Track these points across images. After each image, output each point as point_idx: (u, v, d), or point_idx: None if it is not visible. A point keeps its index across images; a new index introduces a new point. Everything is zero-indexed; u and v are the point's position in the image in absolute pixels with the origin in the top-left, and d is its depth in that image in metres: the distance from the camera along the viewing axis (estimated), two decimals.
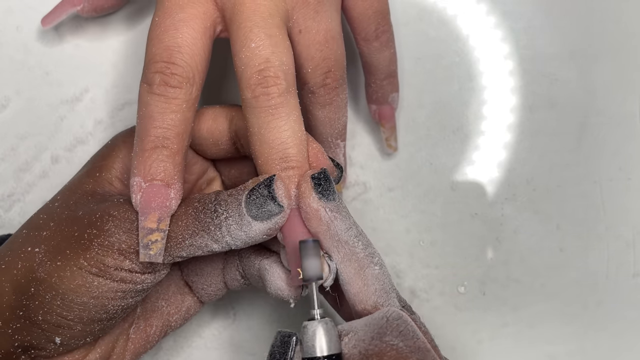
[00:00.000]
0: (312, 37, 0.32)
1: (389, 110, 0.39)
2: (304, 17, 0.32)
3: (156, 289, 0.35)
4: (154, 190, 0.29)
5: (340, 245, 0.30)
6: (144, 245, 0.29)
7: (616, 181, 0.41)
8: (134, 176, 0.30)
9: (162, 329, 0.35)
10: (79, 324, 0.30)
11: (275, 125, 0.30)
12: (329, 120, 0.35)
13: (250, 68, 0.30)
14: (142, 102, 0.30)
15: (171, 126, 0.29)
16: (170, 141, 0.29)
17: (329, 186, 0.30)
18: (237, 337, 0.40)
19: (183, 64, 0.30)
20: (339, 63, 0.33)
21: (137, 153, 0.30)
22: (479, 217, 0.41)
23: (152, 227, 0.29)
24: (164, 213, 0.29)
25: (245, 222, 0.29)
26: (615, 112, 0.41)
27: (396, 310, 0.29)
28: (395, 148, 0.40)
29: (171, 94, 0.29)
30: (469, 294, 0.41)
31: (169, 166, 0.30)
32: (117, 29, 0.40)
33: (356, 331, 0.29)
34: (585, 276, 0.41)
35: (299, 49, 0.33)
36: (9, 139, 0.40)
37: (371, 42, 0.36)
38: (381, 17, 0.36)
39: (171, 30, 0.30)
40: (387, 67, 0.37)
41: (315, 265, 0.29)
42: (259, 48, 0.30)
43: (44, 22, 0.38)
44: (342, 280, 0.30)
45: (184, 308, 0.35)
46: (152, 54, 0.30)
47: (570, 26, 0.41)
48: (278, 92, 0.30)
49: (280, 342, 0.28)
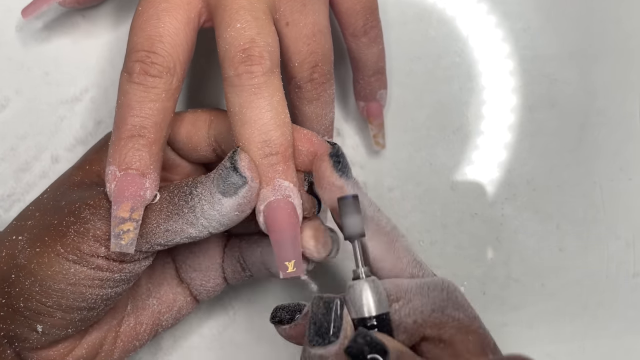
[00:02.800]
0: (299, 30, 0.32)
1: (377, 107, 0.39)
2: (291, 10, 0.32)
3: (147, 287, 0.35)
4: (128, 179, 0.29)
5: (367, 221, 0.29)
6: (116, 235, 0.28)
7: (616, 181, 0.41)
8: (109, 165, 0.29)
9: (153, 327, 0.35)
10: (58, 311, 0.30)
11: (257, 104, 0.29)
12: (316, 117, 0.34)
13: (234, 47, 0.29)
14: (121, 91, 0.30)
15: (149, 115, 0.29)
16: (147, 130, 0.29)
17: (346, 163, 0.29)
18: (237, 337, 0.40)
19: (164, 53, 0.29)
20: (326, 57, 0.33)
21: (113, 142, 0.29)
22: (479, 217, 0.41)
23: (124, 216, 0.28)
24: (137, 202, 0.29)
25: (215, 199, 0.28)
26: (615, 112, 0.41)
27: (450, 281, 0.29)
28: (383, 145, 0.40)
29: (150, 83, 0.29)
30: (469, 294, 0.40)
31: (145, 155, 0.29)
32: (117, 29, 0.40)
33: (409, 299, 0.28)
34: (585, 276, 0.41)
35: (286, 42, 0.32)
36: (9, 139, 0.40)
37: (359, 38, 0.36)
38: (369, 12, 0.35)
39: (153, 20, 0.30)
40: (376, 63, 0.37)
41: (356, 222, 0.28)
42: (245, 28, 0.29)
43: (24, 13, 0.37)
44: (374, 258, 0.30)
45: (175, 307, 0.35)
46: (134, 43, 0.30)
47: (570, 26, 0.41)
48: (262, 70, 0.29)
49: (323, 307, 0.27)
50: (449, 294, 0.29)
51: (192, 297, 0.36)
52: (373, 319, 0.27)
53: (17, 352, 0.31)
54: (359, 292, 0.27)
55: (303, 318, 0.30)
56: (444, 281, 0.29)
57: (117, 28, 0.40)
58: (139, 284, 0.35)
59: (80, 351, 0.32)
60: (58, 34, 0.40)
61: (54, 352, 0.31)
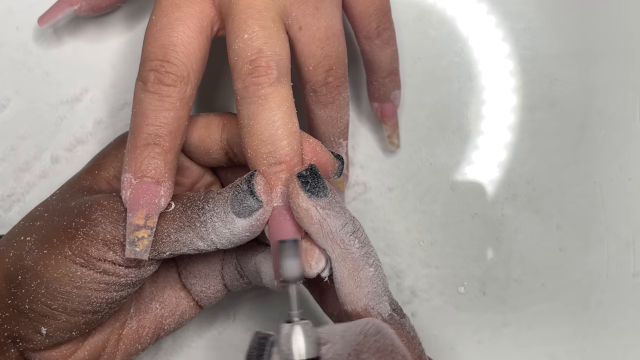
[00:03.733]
0: (312, 34, 0.32)
1: (391, 108, 0.39)
2: (303, 14, 0.32)
3: (151, 291, 0.35)
4: (143, 187, 0.29)
5: (334, 244, 0.29)
6: (131, 242, 0.29)
7: (616, 181, 0.41)
8: (125, 172, 0.30)
9: (155, 331, 0.35)
10: (63, 314, 0.30)
11: (264, 116, 0.29)
12: (331, 120, 0.34)
13: (242, 59, 0.29)
14: (136, 100, 0.30)
15: (164, 124, 0.29)
16: (162, 139, 0.29)
17: (317, 183, 0.29)
18: (237, 338, 0.40)
19: (178, 62, 0.30)
20: (340, 60, 0.33)
21: (129, 149, 0.30)
22: (479, 217, 0.41)
23: (139, 223, 0.29)
24: (152, 210, 0.29)
25: (229, 219, 0.29)
26: (615, 112, 0.41)
27: (375, 324, 0.28)
28: (398, 145, 0.40)
29: (165, 92, 0.29)
30: (469, 294, 0.41)
31: (160, 164, 0.29)
32: (117, 29, 0.40)
33: (334, 342, 0.28)
34: (585, 276, 0.41)
35: (300, 47, 0.32)
36: (9, 139, 0.40)
37: (373, 40, 0.36)
38: (382, 14, 0.35)
39: (167, 29, 0.30)
40: (389, 64, 0.37)
41: (293, 266, 0.28)
42: (252, 39, 0.29)
43: (40, 21, 0.38)
44: (335, 279, 0.30)
45: (178, 312, 0.35)
46: (148, 52, 0.30)
47: (570, 26, 0.41)
48: (269, 81, 0.29)
49: (257, 343, 0.27)
50: (367, 338, 0.28)
51: (195, 302, 0.36)
52: None
53: (21, 351, 0.31)
54: (290, 336, 0.27)
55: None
56: (370, 325, 0.28)
57: (117, 29, 0.40)
58: (143, 288, 0.35)
59: (82, 353, 0.32)
60: (58, 35, 0.40)
61: (57, 354, 0.31)
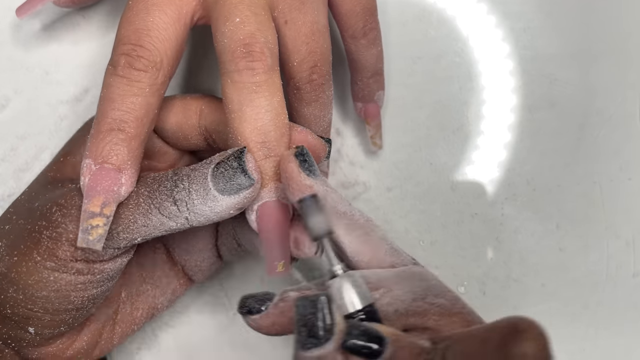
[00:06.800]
0: (298, 29, 0.32)
1: (375, 108, 0.39)
2: (290, 8, 0.31)
3: (140, 274, 0.35)
4: (102, 173, 0.28)
5: (340, 217, 0.29)
6: (84, 230, 0.27)
7: (616, 181, 0.41)
8: (85, 158, 0.28)
9: (149, 311, 0.35)
10: (46, 314, 0.29)
11: (258, 103, 0.28)
12: (314, 118, 0.34)
13: (234, 42, 0.28)
14: (105, 84, 0.29)
15: (130, 109, 0.28)
16: (127, 125, 0.28)
17: (312, 162, 0.29)
18: (237, 337, 0.40)
19: (151, 47, 0.29)
20: (325, 57, 0.33)
21: (92, 135, 0.29)
22: (479, 217, 0.41)
23: (94, 210, 0.27)
24: (109, 197, 0.28)
25: (210, 196, 0.28)
26: (615, 112, 0.41)
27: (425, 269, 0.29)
28: (380, 146, 0.40)
29: (135, 76, 0.28)
30: (469, 294, 0.41)
31: (123, 150, 0.28)
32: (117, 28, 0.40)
33: (389, 287, 0.27)
34: (585, 276, 0.41)
35: (285, 41, 0.32)
36: (9, 139, 0.40)
37: (359, 40, 0.36)
38: (369, 14, 0.35)
39: (142, 14, 0.29)
40: (374, 65, 0.37)
41: (321, 222, 0.27)
42: (244, 23, 0.29)
43: (18, 12, 0.36)
44: (350, 253, 0.29)
45: (169, 290, 0.35)
46: (121, 36, 0.29)
47: (570, 26, 0.41)
48: (263, 68, 0.28)
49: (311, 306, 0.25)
50: (428, 282, 0.28)
51: (186, 278, 0.36)
52: (360, 312, 0.26)
53: (16, 350, 0.31)
54: (340, 290, 0.26)
55: (274, 307, 0.29)
56: (420, 270, 0.29)
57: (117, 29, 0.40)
58: (131, 272, 0.35)
59: (80, 343, 0.32)
60: (58, 34, 0.40)
61: (54, 348, 0.31)
